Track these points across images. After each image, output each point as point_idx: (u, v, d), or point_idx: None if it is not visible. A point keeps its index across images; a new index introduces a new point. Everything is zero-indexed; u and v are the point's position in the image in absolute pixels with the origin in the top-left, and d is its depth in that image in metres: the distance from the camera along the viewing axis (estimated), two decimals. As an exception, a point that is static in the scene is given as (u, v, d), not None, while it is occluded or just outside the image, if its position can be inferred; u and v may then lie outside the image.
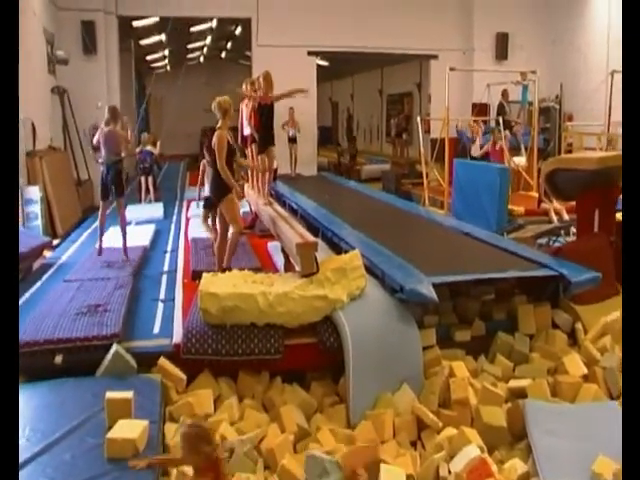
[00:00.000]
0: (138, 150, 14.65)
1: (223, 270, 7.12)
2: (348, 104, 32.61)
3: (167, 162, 22.16)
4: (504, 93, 15.67)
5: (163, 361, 5.60)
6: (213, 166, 7.41)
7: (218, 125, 7.25)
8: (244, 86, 9.29)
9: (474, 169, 12.26)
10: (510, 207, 11.38)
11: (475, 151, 14.92)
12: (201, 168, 10.84)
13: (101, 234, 8.56)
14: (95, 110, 16.17)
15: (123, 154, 8.54)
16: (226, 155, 7.16)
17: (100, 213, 8.42)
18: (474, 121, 15.50)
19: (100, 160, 8.09)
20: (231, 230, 7.37)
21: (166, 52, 28.02)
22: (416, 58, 20.90)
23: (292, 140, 16.11)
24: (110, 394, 4.65)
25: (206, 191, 9.65)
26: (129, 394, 4.69)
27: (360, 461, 4.33)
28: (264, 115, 8.47)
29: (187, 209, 13.19)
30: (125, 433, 4.34)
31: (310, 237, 6.87)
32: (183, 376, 5.61)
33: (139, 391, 4.99)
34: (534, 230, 10.46)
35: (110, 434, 4.35)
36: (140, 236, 10.24)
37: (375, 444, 4.86)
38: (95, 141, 8.07)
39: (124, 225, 8.42)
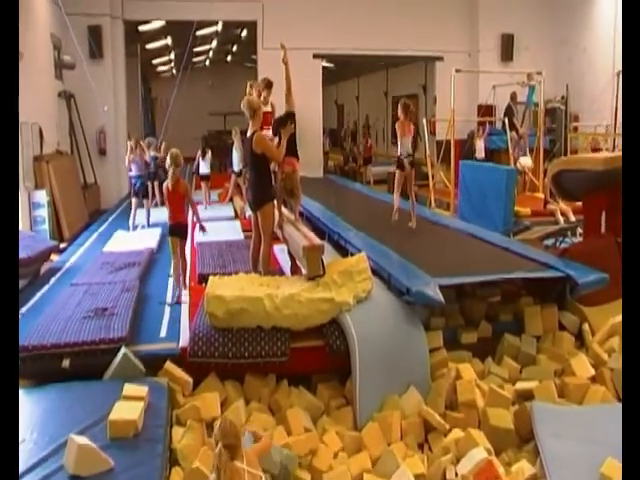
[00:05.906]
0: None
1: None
2: (354, 106, 32.58)
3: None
4: (513, 96, 15.62)
5: (169, 365, 5.61)
6: (252, 171, 7.20)
7: (251, 127, 6.97)
8: (247, 89, 8.67)
9: (480, 170, 12.24)
10: (516, 208, 11.37)
11: (479, 153, 14.93)
12: (232, 181, 11.40)
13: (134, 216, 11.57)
14: (102, 114, 16.25)
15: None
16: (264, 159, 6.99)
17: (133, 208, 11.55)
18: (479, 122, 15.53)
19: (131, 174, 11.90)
20: (262, 245, 7.17)
21: (172, 56, 28.06)
22: (421, 60, 20.89)
23: None
24: (112, 417, 4.60)
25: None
26: (134, 414, 4.65)
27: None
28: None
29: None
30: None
31: (316, 240, 6.87)
32: (189, 379, 5.62)
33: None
34: (540, 231, 10.44)
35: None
36: (146, 240, 10.28)
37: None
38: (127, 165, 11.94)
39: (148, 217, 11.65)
